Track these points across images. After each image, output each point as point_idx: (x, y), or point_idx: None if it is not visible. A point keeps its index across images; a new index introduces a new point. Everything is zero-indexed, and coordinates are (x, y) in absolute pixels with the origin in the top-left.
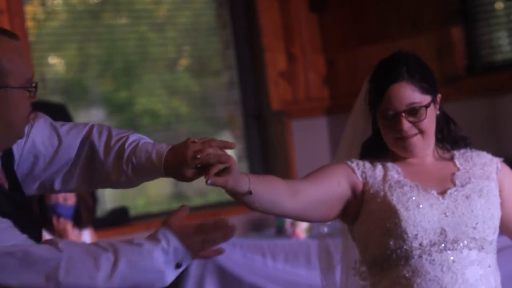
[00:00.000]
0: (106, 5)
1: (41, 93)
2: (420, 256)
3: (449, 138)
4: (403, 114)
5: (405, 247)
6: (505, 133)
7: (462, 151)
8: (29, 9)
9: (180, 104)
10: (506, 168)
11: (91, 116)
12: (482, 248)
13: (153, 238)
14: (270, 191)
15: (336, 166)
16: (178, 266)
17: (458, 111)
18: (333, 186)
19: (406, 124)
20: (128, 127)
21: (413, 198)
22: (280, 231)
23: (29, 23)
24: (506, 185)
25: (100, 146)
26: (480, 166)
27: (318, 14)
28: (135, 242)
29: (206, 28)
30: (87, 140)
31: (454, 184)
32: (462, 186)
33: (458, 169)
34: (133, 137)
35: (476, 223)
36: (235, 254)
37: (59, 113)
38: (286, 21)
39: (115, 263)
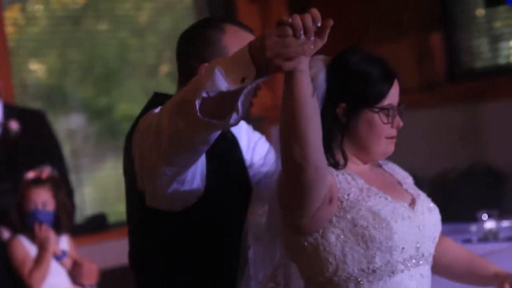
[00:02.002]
0: (86, 10)
1: (21, 98)
2: (402, 271)
3: None
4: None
5: (391, 261)
6: (484, 140)
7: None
8: (9, 14)
9: None
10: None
11: (71, 122)
12: (430, 262)
13: None
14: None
15: None
16: (242, 80)
17: (438, 118)
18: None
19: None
20: (108, 133)
21: (396, 209)
22: None
23: (9, 29)
24: None
25: None
26: (406, 176)
27: None
28: None
29: None
30: None
31: (411, 196)
32: (417, 197)
33: (398, 180)
34: None
35: (435, 237)
36: None
37: (37, 120)
38: (266, 27)
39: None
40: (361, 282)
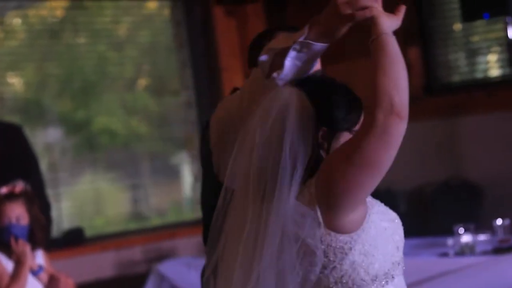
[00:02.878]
0: (65, 24)
1: None
2: (403, 268)
3: None
4: None
5: (402, 255)
6: (461, 154)
7: None
8: None
9: (139, 124)
10: None
11: (49, 135)
12: None
13: None
14: None
15: None
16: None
17: (415, 132)
18: None
19: None
20: (86, 147)
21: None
22: None
23: None
24: None
25: None
26: None
27: None
28: None
29: (164, 48)
30: None
31: None
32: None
33: None
34: None
35: None
36: (190, 275)
37: (14, 134)
38: (243, 41)
39: None
40: (393, 277)
